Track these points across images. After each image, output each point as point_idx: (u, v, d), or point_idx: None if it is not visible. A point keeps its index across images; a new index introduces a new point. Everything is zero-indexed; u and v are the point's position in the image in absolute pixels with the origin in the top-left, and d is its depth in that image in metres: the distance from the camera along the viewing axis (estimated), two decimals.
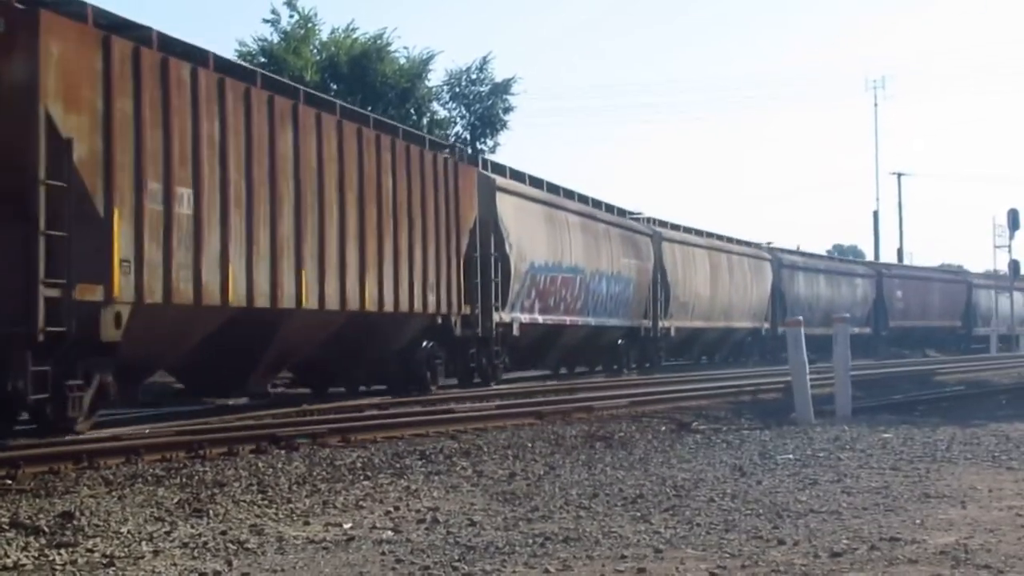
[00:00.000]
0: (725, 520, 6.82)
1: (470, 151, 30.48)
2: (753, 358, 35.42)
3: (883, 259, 63.10)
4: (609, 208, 28.43)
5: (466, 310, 19.01)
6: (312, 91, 16.41)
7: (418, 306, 17.14)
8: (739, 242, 37.06)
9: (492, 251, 20.21)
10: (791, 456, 10.08)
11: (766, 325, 37.34)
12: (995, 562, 5.63)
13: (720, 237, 35.82)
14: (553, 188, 24.59)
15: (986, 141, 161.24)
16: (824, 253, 47.62)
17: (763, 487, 8.18)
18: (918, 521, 6.79)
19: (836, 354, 14.91)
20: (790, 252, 41.05)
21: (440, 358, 18.77)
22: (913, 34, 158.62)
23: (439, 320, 18.13)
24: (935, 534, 6.38)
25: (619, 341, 27.85)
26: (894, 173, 69.62)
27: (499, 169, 22.45)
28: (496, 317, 20.14)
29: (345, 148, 15.30)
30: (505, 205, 20.95)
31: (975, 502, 7.54)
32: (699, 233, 34.42)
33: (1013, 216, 47.88)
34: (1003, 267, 53.89)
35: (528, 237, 21.92)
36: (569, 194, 25.65)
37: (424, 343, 18.17)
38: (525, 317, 21.45)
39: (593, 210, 26.78)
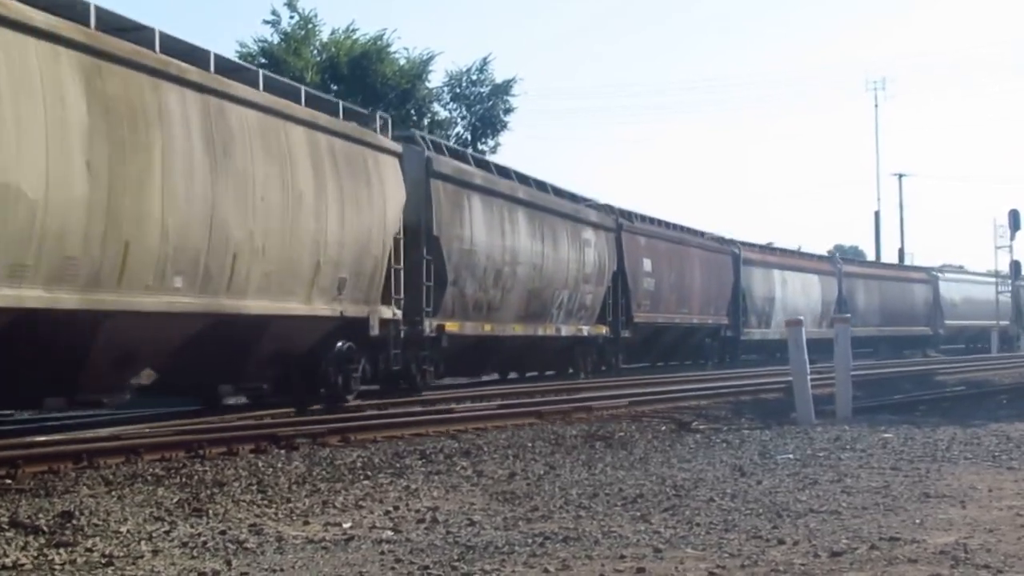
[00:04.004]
0: (725, 520, 6.81)
1: (471, 149, 30.49)
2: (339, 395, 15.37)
3: (884, 260, 61.83)
4: None
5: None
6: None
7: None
8: (324, 103, 15.32)
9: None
10: (791, 456, 10.07)
11: (393, 313, 16.08)
12: (995, 562, 5.62)
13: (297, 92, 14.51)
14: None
15: (987, 141, 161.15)
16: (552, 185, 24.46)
17: (763, 487, 8.17)
18: (918, 521, 6.78)
19: (837, 354, 14.93)
20: (459, 156, 20.39)
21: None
22: (913, 34, 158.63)
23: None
24: (935, 534, 6.37)
25: None
26: (895, 174, 69.43)
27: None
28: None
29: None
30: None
31: (975, 502, 7.53)
32: (236, 69, 13.64)
33: (1014, 217, 47.86)
34: (1004, 268, 53.23)
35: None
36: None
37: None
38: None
39: None
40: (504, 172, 22.08)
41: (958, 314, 50.38)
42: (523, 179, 22.88)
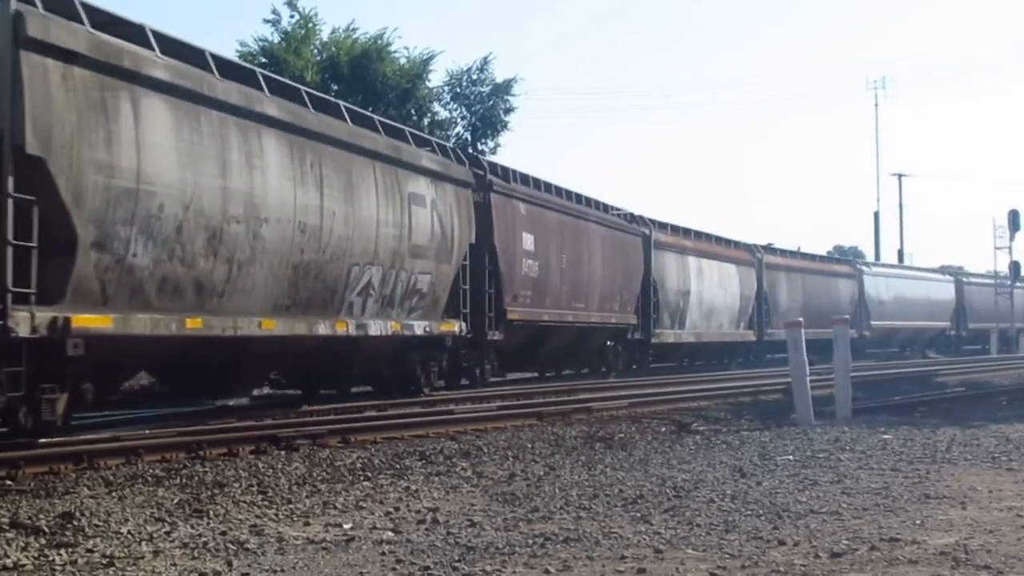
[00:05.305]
0: (725, 521, 6.82)
1: (470, 149, 30.51)
2: None
3: (884, 261, 61.71)
4: None
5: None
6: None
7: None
8: None
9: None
10: (791, 457, 10.08)
11: None
12: (995, 563, 5.63)
13: None
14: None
15: (987, 142, 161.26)
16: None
17: (763, 488, 8.18)
18: (918, 522, 6.79)
19: (836, 355, 14.92)
20: (122, 30, 11.18)
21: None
22: (913, 34, 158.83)
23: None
24: (935, 535, 6.38)
25: None
26: (895, 174, 69.48)
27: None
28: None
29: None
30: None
31: (975, 503, 7.54)
32: None
33: (1013, 217, 47.89)
34: (1003, 268, 53.11)
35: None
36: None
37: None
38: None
39: None
40: (241, 74, 13.42)
41: (887, 314, 43.57)
42: (284, 91, 14.31)
